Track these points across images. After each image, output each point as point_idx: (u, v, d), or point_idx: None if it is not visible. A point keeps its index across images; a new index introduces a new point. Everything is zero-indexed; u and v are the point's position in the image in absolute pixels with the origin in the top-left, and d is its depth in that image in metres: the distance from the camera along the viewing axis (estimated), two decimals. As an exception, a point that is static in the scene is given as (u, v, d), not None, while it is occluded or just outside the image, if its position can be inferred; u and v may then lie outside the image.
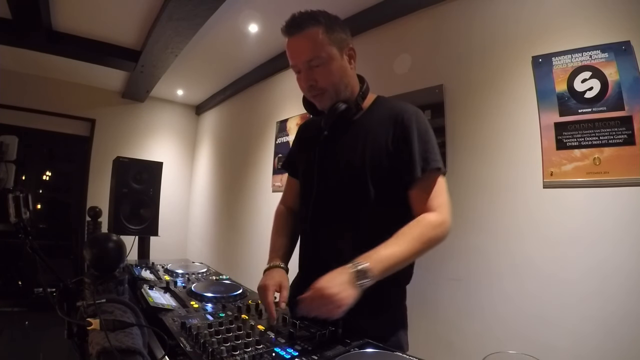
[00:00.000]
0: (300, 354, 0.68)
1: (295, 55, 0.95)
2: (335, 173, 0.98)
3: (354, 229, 0.94)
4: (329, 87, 0.96)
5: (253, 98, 3.94)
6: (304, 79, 0.96)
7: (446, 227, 0.89)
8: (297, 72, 0.98)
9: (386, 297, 0.94)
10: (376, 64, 2.41)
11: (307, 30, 0.92)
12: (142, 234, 2.64)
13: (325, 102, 0.98)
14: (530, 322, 1.53)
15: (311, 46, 0.92)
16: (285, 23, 0.95)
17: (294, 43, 0.94)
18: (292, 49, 0.95)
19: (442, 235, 0.88)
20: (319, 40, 0.92)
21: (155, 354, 0.73)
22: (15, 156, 1.93)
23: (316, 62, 0.93)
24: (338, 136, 1.00)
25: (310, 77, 0.95)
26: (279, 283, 0.92)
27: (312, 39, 0.92)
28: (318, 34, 0.92)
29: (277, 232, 1.14)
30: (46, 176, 4.37)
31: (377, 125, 0.96)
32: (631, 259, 1.33)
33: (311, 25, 0.92)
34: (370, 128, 0.96)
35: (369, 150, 0.94)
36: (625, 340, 1.30)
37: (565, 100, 1.54)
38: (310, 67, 0.94)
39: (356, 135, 0.97)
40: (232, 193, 4.13)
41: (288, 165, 1.21)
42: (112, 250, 0.95)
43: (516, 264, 1.62)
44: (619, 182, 1.38)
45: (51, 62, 3.58)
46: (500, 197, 1.72)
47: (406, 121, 0.92)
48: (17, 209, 0.99)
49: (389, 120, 0.95)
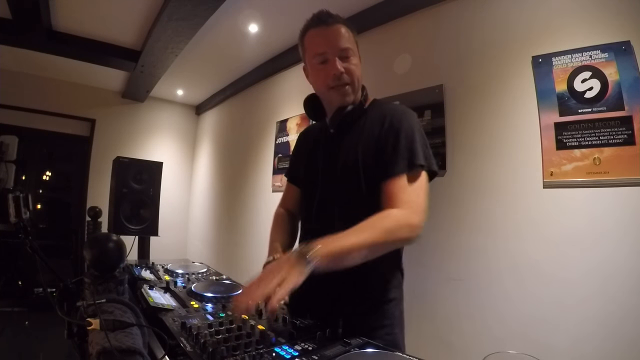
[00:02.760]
0: (300, 354, 0.68)
1: (329, 43, 0.95)
2: (336, 172, 1.00)
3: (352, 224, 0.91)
4: (354, 80, 0.98)
5: (253, 98, 3.94)
6: (335, 66, 0.94)
7: (413, 223, 0.84)
8: (323, 61, 0.96)
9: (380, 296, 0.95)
10: (376, 64, 2.41)
11: (340, 24, 0.97)
12: (142, 234, 2.64)
13: (347, 95, 0.98)
14: (530, 322, 1.53)
15: (347, 37, 0.97)
16: (314, 16, 0.98)
17: (328, 31, 0.96)
18: (325, 36, 0.96)
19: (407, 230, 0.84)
20: (350, 35, 0.98)
21: (155, 354, 0.73)
22: (15, 156, 1.94)
23: (348, 53, 0.96)
24: (341, 136, 1.02)
25: (341, 65, 0.95)
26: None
27: (346, 31, 0.97)
28: (348, 30, 0.98)
29: (277, 229, 1.16)
30: (46, 176, 4.37)
31: (371, 125, 0.99)
32: (631, 259, 1.33)
33: (341, 22, 0.97)
34: (364, 128, 0.99)
35: (362, 148, 0.97)
36: (626, 341, 1.30)
37: (565, 100, 1.54)
38: (342, 57, 0.95)
39: (354, 136, 1.00)
40: (232, 193, 4.13)
41: (289, 171, 1.25)
42: (112, 250, 0.95)
43: (516, 264, 1.63)
44: (619, 182, 1.38)
45: (51, 62, 3.59)
46: (500, 197, 1.72)
47: (394, 120, 0.95)
48: (17, 209, 0.99)
49: (379, 120, 0.98)
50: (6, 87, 3.82)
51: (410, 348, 0.99)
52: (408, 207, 0.86)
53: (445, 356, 1.77)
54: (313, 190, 1.04)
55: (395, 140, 0.92)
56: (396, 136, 0.92)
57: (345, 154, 1.00)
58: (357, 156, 0.96)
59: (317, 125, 1.18)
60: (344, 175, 0.98)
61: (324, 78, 0.97)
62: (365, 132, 0.98)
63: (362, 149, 0.97)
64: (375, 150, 0.94)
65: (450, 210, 1.89)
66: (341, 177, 0.99)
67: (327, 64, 0.96)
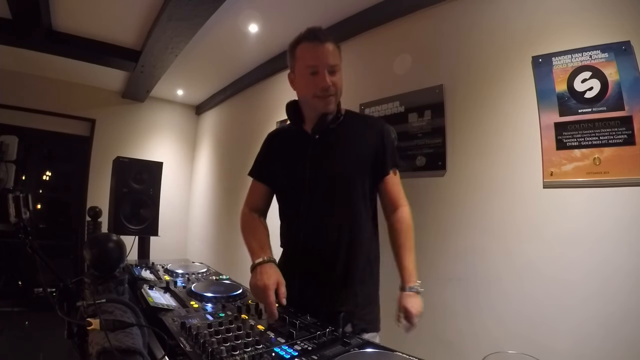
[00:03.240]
0: (300, 354, 0.68)
1: (322, 58, 1.08)
2: (328, 171, 1.13)
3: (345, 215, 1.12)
4: (338, 91, 1.13)
5: (253, 98, 3.94)
6: (325, 79, 1.08)
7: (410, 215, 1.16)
8: (313, 72, 1.08)
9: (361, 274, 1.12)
10: (376, 64, 2.41)
11: (331, 42, 1.10)
12: (142, 234, 2.64)
13: (330, 104, 1.12)
14: (530, 322, 1.53)
15: (337, 54, 1.12)
16: (309, 31, 1.11)
17: (323, 48, 1.08)
18: (319, 52, 1.08)
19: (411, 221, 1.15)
20: (338, 53, 1.12)
21: (155, 354, 0.73)
22: (15, 156, 1.94)
23: (336, 68, 1.10)
24: (325, 139, 1.15)
25: (330, 79, 1.09)
26: (277, 281, 0.94)
27: (337, 49, 1.12)
28: (336, 48, 1.12)
29: (255, 230, 1.17)
30: (46, 176, 4.37)
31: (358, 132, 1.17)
32: (632, 259, 1.33)
33: (332, 41, 1.11)
34: (351, 134, 1.16)
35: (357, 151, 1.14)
36: (626, 341, 1.30)
37: (565, 100, 1.54)
38: (330, 71, 1.09)
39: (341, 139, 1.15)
40: (232, 193, 4.12)
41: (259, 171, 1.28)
42: (112, 250, 0.95)
43: (515, 264, 1.62)
44: (619, 182, 1.38)
45: (51, 62, 3.58)
46: (500, 197, 1.72)
47: (384, 132, 1.17)
48: (17, 209, 0.99)
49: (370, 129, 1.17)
50: (6, 87, 3.82)
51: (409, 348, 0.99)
52: (404, 200, 1.17)
53: (444, 356, 1.77)
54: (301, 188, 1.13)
55: (384, 145, 1.14)
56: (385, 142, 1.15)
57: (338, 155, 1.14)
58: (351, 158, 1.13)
59: (287, 128, 1.28)
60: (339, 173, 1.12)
61: (313, 88, 1.10)
62: (356, 137, 1.15)
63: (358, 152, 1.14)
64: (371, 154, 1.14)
65: (449, 210, 1.89)
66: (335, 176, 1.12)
67: (316, 76, 1.08)
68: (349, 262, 1.10)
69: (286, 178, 1.19)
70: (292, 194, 1.17)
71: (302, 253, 1.13)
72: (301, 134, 1.19)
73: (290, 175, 1.17)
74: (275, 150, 1.26)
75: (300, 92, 1.18)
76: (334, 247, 1.09)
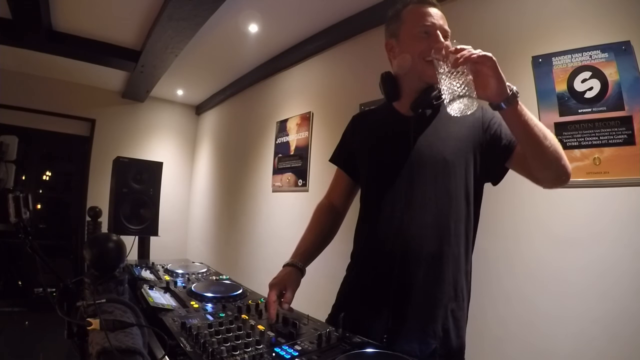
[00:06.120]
0: (300, 354, 0.68)
1: (437, 19, 0.98)
2: (438, 152, 0.97)
3: (454, 209, 0.96)
4: None
5: (253, 98, 3.94)
6: (439, 39, 0.95)
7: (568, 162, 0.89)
8: (427, 32, 0.96)
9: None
10: (376, 63, 2.41)
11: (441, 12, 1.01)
12: (142, 234, 2.63)
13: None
14: (530, 322, 1.53)
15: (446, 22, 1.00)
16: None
17: (436, 11, 0.99)
18: (433, 15, 0.98)
19: (565, 159, 0.87)
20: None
21: (155, 354, 0.73)
22: (15, 156, 1.93)
23: (449, 34, 0.99)
24: (426, 117, 1.01)
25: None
26: (285, 283, 0.92)
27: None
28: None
29: (310, 228, 1.11)
30: (46, 176, 4.37)
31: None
32: (631, 259, 1.32)
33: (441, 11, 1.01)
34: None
35: (465, 130, 0.98)
36: (626, 341, 1.30)
37: (565, 100, 1.54)
38: (444, 37, 0.97)
39: (446, 119, 0.99)
40: (232, 193, 4.13)
41: (343, 158, 1.15)
42: (112, 250, 0.95)
43: (515, 264, 1.62)
44: (619, 182, 1.38)
45: (51, 62, 3.59)
46: (500, 197, 1.72)
47: (483, 109, 0.99)
48: (17, 209, 0.99)
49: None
50: (6, 87, 3.82)
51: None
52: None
53: (445, 356, 1.77)
54: (395, 175, 0.97)
55: (497, 120, 0.97)
56: (496, 116, 0.97)
57: (444, 136, 0.98)
58: (463, 138, 0.97)
59: (373, 110, 1.14)
60: (453, 155, 0.96)
61: (425, 49, 0.94)
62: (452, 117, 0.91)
63: (468, 131, 0.97)
64: (484, 131, 0.97)
65: (450, 210, 1.89)
66: (449, 157, 0.96)
67: (430, 37, 0.95)
68: (456, 283, 0.97)
69: (377, 165, 1.03)
70: (385, 185, 0.99)
71: (397, 269, 0.93)
72: (393, 113, 1.05)
73: (384, 160, 1.02)
74: (363, 132, 1.10)
75: (404, 58, 1.01)
76: (440, 262, 0.95)
